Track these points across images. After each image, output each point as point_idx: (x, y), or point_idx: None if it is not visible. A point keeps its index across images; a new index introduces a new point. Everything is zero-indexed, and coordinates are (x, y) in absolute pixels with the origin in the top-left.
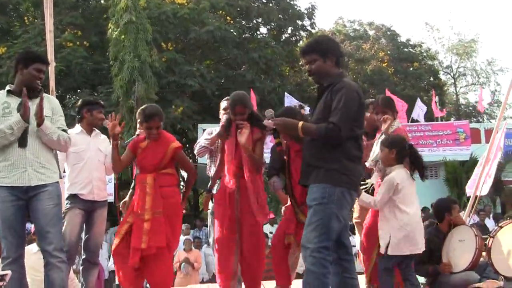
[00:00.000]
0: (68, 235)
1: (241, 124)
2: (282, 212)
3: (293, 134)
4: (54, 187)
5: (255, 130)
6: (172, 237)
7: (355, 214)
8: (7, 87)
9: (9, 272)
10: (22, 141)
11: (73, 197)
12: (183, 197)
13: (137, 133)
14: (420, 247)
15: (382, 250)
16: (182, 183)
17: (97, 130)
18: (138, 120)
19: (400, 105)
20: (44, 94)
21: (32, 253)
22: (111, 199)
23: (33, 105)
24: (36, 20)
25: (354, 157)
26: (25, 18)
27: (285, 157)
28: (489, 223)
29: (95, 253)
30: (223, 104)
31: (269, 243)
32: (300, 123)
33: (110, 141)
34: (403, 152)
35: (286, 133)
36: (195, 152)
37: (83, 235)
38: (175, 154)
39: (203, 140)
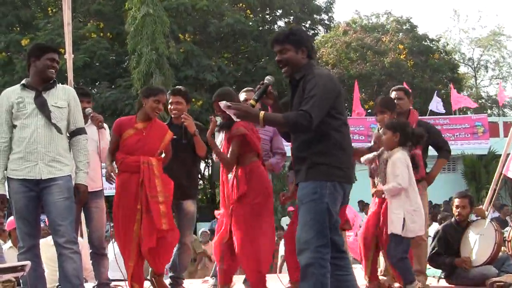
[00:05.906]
0: None
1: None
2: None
3: (253, 123)
4: (64, 180)
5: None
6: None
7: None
8: (23, 81)
9: (28, 262)
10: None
11: None
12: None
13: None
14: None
15: (397, 231)
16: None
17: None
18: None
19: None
20: (62, 85)
21: (50, 245)
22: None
23: (48, 96)
24: (60, 11)
25: (345, 145)
26: (48, 9)
27: None
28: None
29: (100, 245)
30: (242, 96)
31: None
32: (262, 113)
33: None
34: (406, 136)
35: (246, 121)
36: None
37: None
38: (166, 143)
39: None
